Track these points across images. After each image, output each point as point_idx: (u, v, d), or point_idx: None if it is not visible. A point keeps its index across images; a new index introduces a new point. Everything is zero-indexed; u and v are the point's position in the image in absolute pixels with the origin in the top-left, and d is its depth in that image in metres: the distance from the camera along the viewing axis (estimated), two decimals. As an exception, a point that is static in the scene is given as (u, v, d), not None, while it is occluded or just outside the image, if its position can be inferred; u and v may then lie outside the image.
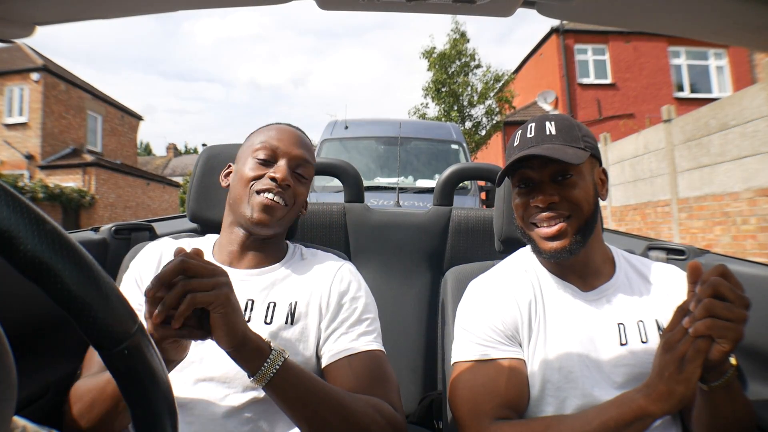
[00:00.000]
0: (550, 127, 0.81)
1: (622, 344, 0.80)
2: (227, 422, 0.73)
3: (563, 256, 0.80)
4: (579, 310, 0.82)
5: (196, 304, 0.56)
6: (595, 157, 0.85)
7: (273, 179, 0.82)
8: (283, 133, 0.88)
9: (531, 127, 0.83)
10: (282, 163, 0.84)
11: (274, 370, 0.63)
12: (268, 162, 0.85)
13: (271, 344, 0.65)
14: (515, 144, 0.84)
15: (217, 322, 0.58)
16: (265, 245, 0.87)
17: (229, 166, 0.93)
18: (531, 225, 0.83)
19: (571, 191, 0.79)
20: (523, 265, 0.90)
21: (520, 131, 0.85)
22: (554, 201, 0.79)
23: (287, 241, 0.94)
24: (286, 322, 0.80)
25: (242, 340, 0.61)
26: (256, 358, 0.62)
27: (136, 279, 0.84)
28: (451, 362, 0.86)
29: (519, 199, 0.84)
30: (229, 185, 0.89)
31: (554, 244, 0.80)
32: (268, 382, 0.63)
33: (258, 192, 0.83)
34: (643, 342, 0.80)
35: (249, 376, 0.63)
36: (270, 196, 0.82)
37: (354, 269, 0.89)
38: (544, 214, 0.80)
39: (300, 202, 0.88)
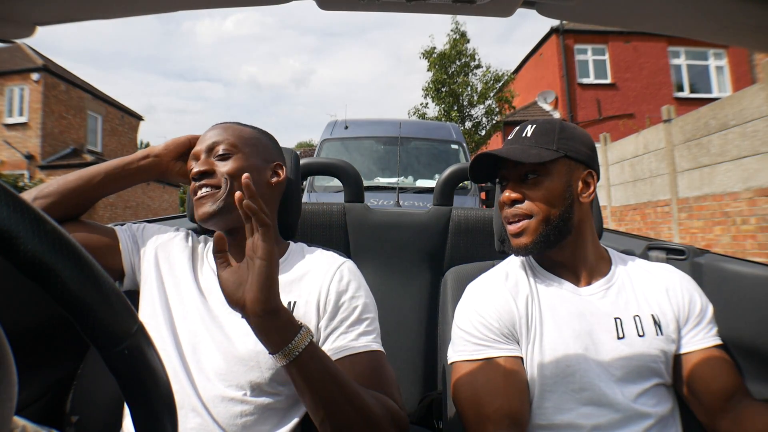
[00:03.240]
0: (529, 130, 0.86)
1: (619, 338, 0.81)
2: (220, 418, 0.74)
3: (524, 254, 0.85)
4: (575, 305, 0.84)
5: (253, 213, 0.57)
6: (578, 160, 0.85)
7: (193, 177, 0.83)
8: (203, 135, 0.88)
9: (515, 130, 0.89)
10: (201, 158, 0.85)
11: (303, 347, 0.60)
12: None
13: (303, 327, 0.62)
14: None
15: (258, 271, 0.57)
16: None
17: None
18: (505, 222, 0.87)
19: (535, 191, 0.83)
20: (519, 265, 0.92)
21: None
22: (517, 198, 0.83)
23: (290, 242, 0.94)
24: None
25: (275, 307, 0.58)
26: (285, 332, 0.59)
27: (156, 249, 0.87)
28: (449, 361, 0.86)
29: (499, 197, 0.89)
30: None
31: (517, 241, 0.84)
32: (293, 359, 0.59)
33: (193, 195, 0.84)
34: (640, 336, 0.81)
35: (270, 353, 0.60)
36: (198, 192, 0.83)
37: (354, 268, 0.88)
38: (509, 211, 0.85)
39: (237, 176, 0.82)
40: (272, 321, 0.59)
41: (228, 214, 0.82)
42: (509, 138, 0.88)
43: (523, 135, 0.86)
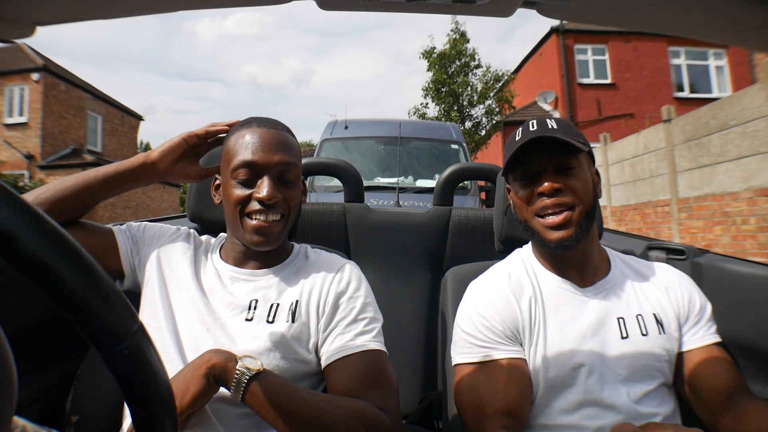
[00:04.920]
0: (552, 123, 0.84)
1: (623, 338, 0.81)
2: (221, 419, 0.74)
3: (569, 245, 0.81)
4: (579, 305, 0.83)
5: None
6: (591, 156, 0.88)
7: (260, 201, 0.79)
8: (258, 141, 0.80)
9: (534, 122, 0.85)
10: (265, 180, 0.79)
11: (242, 390, 0.67)
12: (250, 180, 0.80)
13: (239, 364, 0.68)
14: (517, 138, 0.85)
15: None
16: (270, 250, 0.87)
17: (216, 179, 0.89)
18: (535, 216, 0.83)
19: (574, 181, 0.81)
20: (521, 264, 0.91)
21: (521, 128, 0.87)
22: (559, 188, 0.80)
23: (293, 242, 0.94)
24: (287, 321, 0.80)
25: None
26: (226, 380, 0.67)
27: (158, 250, 0.87)
28: (452, 364, 0.86)
29: (522, 192, 0.85)
30: (221, 201, 0.86)
31: (560, 234, 0.80)
32: (241, 398, 0.67)
33: (249, 215, 0.80)
34: (643, 335, 0.81)
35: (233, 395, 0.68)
36: (262, 217, 0.79)
37: (356, 269, 0.89)
38: (550, 200, 0.81)
39: (295, 206, 0.85)
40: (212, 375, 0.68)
41: (283, 238, 0.85)
42: (533, 129, 0.83)
43: (550, 127, 0.83)
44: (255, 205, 0.79)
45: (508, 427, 0.75)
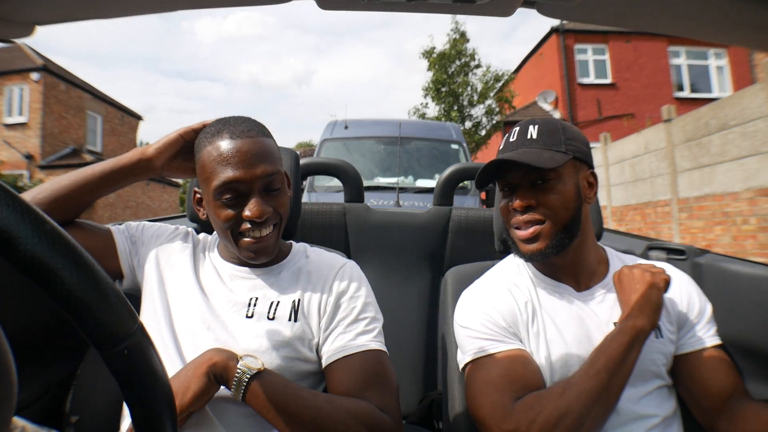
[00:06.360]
0: (533, 131, 0.83)
1: None
2: (222, 418, 0.74)
3: (538, 259, 0.82)
4: (574, 310, 0.83)
5: None
6: (581, 160, 0.84)
7: (250, 220, 0.76)
8: (236, 155, 0.75)
9: (515, 131, 0.86)
10: (252, 199, 0.76)
11: (243, 389, 0.68)
12: (235, 199, 0.76)
13: (240, 363, 0.69)
14: (500, 148, 0.87)
15: None
16: None
17: (196, 192, 0.86)
18: (512, 228, 0.85)
19: (548, 196, 0.80)
20: (516, 269, 0.91)
21: (507, 135, 0.88)
22: (531, 204, 0.81)
23: (291, 242, 0.94)
24: (290, 319, 0.80)
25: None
26: (227, 379, 0.69)
27: (157, 249, 0.87)
28: (460, 366, 0.85)
29: (503, 203, 0.87)
30: (206, 216, 0.83)
31: (530, 247, 0.82)
32: (242, 397, 0.69)
33: (241, 233, 0.78)
34: None
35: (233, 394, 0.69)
36: (255, 234, 0.78)
37: (356, 269, 0.89)
38: (521, 217, 0.82)
39: (285, 211, 0.82)
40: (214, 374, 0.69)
41: (278, 245, 0.84)
42: (512, 140, 0.84)
43: (528, 137, 0.82)
44: (246, 224, 0.77)
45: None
